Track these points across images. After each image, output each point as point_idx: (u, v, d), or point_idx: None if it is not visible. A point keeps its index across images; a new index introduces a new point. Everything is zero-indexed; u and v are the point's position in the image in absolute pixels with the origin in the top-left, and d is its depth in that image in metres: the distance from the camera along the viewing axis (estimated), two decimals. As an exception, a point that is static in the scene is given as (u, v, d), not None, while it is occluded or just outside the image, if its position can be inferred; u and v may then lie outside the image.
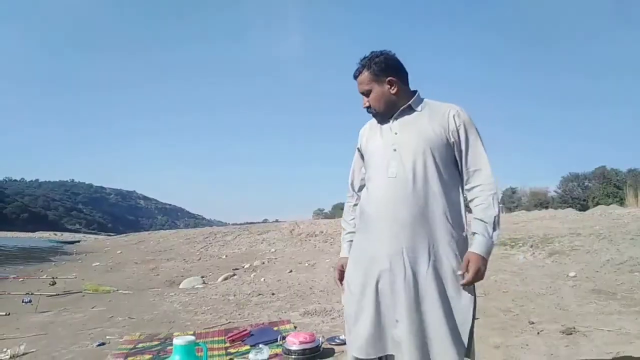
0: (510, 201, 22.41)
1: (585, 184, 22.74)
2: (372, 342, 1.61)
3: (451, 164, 1.69)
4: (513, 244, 7.37)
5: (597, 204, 15.71)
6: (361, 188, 1.88)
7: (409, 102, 1.73)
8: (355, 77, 1.79)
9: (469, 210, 1.71)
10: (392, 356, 1.63)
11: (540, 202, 21.29)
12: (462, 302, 1.60)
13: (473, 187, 1.68)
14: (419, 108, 1.73)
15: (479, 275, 1.58)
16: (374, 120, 1.84)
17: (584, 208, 15.24)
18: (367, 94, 1.76)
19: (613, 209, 11.15)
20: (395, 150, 1.68)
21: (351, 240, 1.87)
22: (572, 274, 5.25)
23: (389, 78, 1.73)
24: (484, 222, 1.61)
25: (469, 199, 1.70)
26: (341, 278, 1.85)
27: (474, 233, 1.63)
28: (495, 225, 1.61)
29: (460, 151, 1.69)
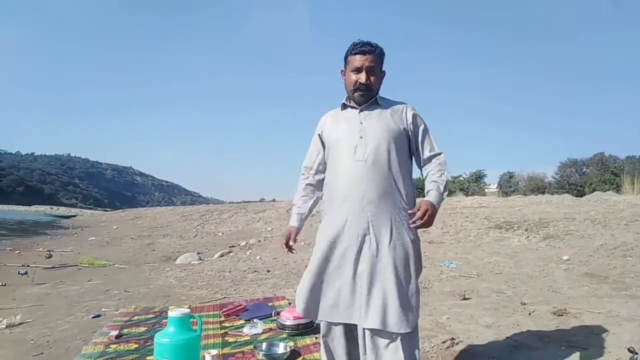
0: (507, 186, 22.43)
1: (583, 170, 22.71)
2: (335, 307, 1.81)
3: (406, 152, 1.93)
4: (508, 227, 7.41)
5: (594, 190, 15.73)
6: (315, 170, 2.08)
7: (377, 97, 1.95)
8: (369, 52, 1.88)
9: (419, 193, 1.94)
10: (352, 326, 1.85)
11: (537, 187, 21.31)
12: (416, 273, 1.83)
13: (430, 165, 1.94)
14: (381, 103, 1.95)
15: (427, 217, 1.77)
16: (335, 111, 2.04)
17: (580, 194, 15.29)
18: (371, 71, 1.88)
19: (609, 196, 11.18)
20: (361, 137, 1.87)
21: (300, 213, 2.08)
22: (565, 257, 5.30)
23: (384, 69, 1.97)
24: (438, 182, 1.88)
25: (425, 174, 1.94)
26: (287, 244, 2.04)
27: (429, 190, 1.88)
28: (446, 186, 1.89)
29: (417, 140, 1.94)
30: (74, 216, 28.30)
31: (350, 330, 1.89)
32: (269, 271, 5.52)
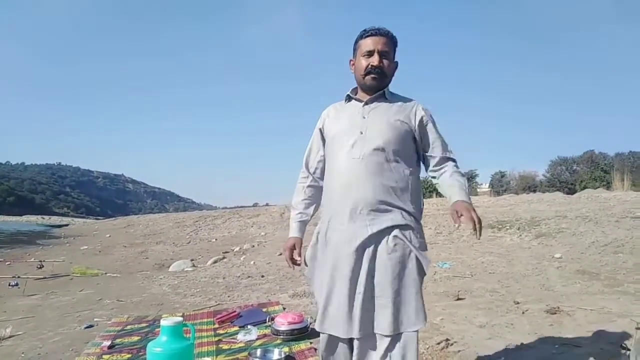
0: (499, 185, 22.59)
1: (574, 167, 22.94)
2: (345, 321, 1.65)
3: (412, 153, 1.78)
4: (500, 226, 7.45)
5: (585, 187, 15.88)
6: (316, 170, 1.92)
7: (385, 89, 1.79)
8: (382, 34, 1.74)
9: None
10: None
11: (529, 185, 21.49)
12: (421, 273, 1.70)
13: (442, 168, 1.77)
14: (389, 98, 1.79)
15: (475, 217, 1.58)
16: (339, 104, 1.88)
17: (571, 192, 15.42)
18: (385, 55, 1.74)
19: (600, 193, 11.29)
20: (361, 133, 1.72)
21: (302, 221, 1.91)
22: (557, 255, 5.33)
23: (396, 60, 1.80)
24: (460, 182, 1.71)
25: (437, 177, 1.78)
26: (292, 257, 1.87)
27: (450, 188, 1.70)
28: (468, 189, 1.72)
29: (427, 141, 1.78)
30: (66, 225, 27.95)
31: (350, 343, 1.75)
32: (263, 276, 5.50)
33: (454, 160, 1.80)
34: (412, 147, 1.78)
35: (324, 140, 1.88)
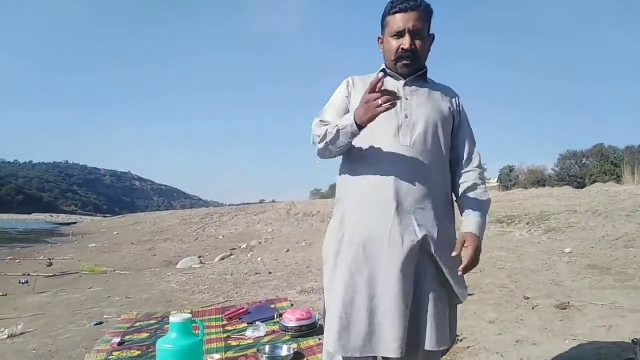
0: (507, 179, 22.46)
1: (583, 161, 22.76)
2: (368, 340, 1.41)
3: (449, 144, 1.58)
4: (509, 221, 7.40)
5: (594, 181, 15.76)
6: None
7: (425, 70, 1.59)
8: (413, 8, 1.47)
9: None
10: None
11: (538, 180, 21.35)
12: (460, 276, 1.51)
13: (467, 171, 1.57)
14: (429, 82, 1.60)
15: (476, 258, 1.43)
16: (367, 77, 1.60)
17: (581, 185, 15.30)
18: (416, 33, 1.49)
19: (610, 186, 11.18)
20: (406, 116, 1.49)
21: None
22: (567, 250, 5.29)
23: (432, 33, 1.56)
24: (480, 202, 1.52)
25: (460, 180, 1.57)
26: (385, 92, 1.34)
27: (469, 212, 1.50)
28: (488, 209, 1.54)
29: (460, 135, 1.60)
30: (74, 223, 28.20)
31: None
32: (270, 273, 5.51)
33: (481, 165, 1.60)
34: (449, 137, 1.58)
35: (346, 112, 1.56)
